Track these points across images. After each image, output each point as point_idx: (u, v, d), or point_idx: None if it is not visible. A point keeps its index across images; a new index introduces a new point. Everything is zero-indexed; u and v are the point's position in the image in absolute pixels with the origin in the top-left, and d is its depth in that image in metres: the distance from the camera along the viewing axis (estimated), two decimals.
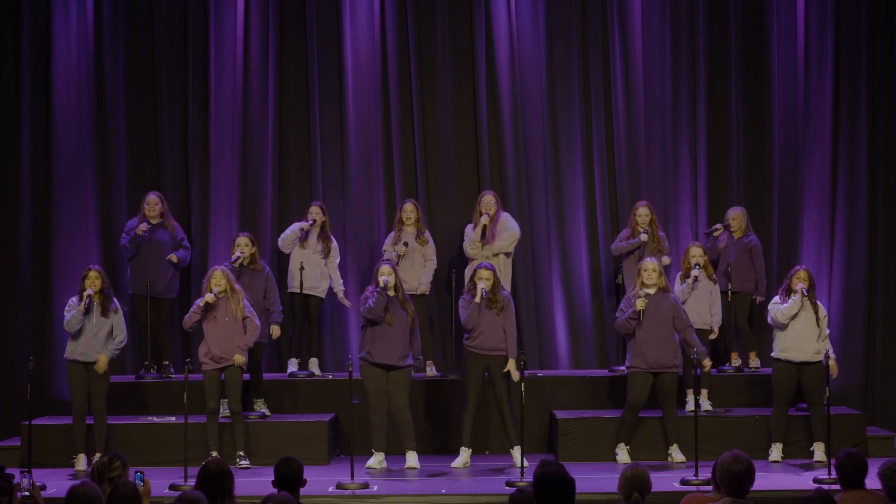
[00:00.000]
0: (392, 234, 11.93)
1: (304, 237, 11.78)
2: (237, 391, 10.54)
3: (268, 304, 11.31)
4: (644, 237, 11.64)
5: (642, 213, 11.74)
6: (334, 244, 11.92)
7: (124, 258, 12.02)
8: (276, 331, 11.35)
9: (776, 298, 10.70)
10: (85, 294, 10.50)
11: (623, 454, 10.66)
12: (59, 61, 12.48)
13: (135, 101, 12.71)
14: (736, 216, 11.96)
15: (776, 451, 10.65)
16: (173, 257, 11.81)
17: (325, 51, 12.76)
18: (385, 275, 10.44)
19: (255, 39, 12.71)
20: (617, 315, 10.78)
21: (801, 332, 10.54)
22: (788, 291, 10.58)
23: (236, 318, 10.50)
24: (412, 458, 10.55)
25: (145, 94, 12.74)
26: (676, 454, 10.67)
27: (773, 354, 10.72)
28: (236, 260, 11.17)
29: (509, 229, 11.79)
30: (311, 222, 11.78)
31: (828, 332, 10.67)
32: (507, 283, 11.67)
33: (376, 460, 10.46)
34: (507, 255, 11.82)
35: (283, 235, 11.86)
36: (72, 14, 12.50)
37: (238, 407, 10.56)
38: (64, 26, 12.49)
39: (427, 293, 11.88)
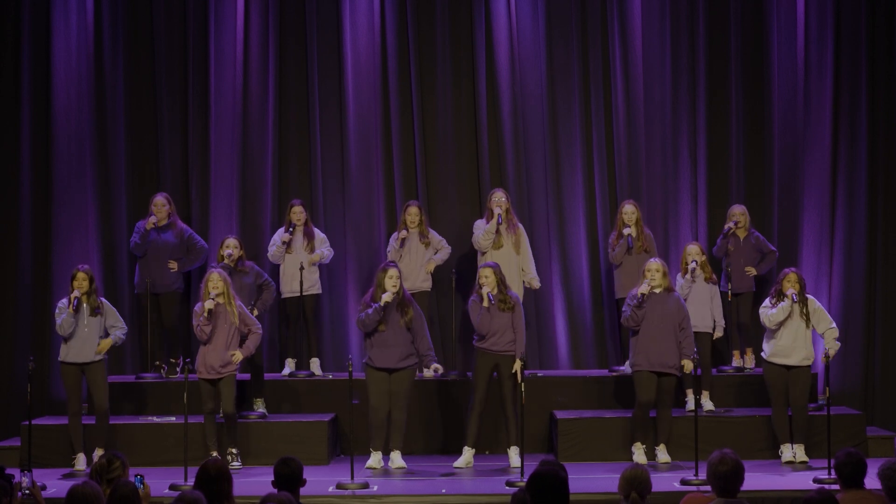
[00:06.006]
0: (395, 234, 11.91)
1: (289, 244, 11.81)
2: (230, 395, 10.52)
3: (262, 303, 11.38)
4: (627, 231, 11.65)
5: (628, 210, 11.78)
6: (318, 236, 11.93)
7: (135, 257, 12.03)
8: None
9: (766, 302, 10.71)
10: (72, 296, 10.53)
11: (639, 454, 10.62)
12: (59, 61, 12.48)
13: (135, 101, 12.71)
14: (743, 213, 11.97)
15: (787, 452, 10.63)
16: (173, 265, 11.83)
17: (325, 51, 12.76)
18: (392, 284, 10.41)
19: (255, 39, 12.71)
20: (623, 310, 10.76)
21: (792, 336, 10.56)
22: (779, 295, 10.59)
23: (234, 326, 10.49)
24: (398, 458, 10.56)
25: (145, 95, 12.74)
26: (662, 455, 10.67)
27: (763, 356, 10.74)
28: (229, 257, 11.17)
29: (527, 243, 11.84)
30: (290, 229, 11.79)
31: (833, 325, 10.67)
32: (521, 290, 11.72)
33: (375, 459, 10.46)
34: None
35: (270, 252, 11.91)
36: (72, 14, 12.50)
37: (231, 409, 10.54)
38: (64, 26, 12.49)
39: (428, 290, 11.89)
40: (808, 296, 10.69)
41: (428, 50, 12.76)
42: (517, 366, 10.49)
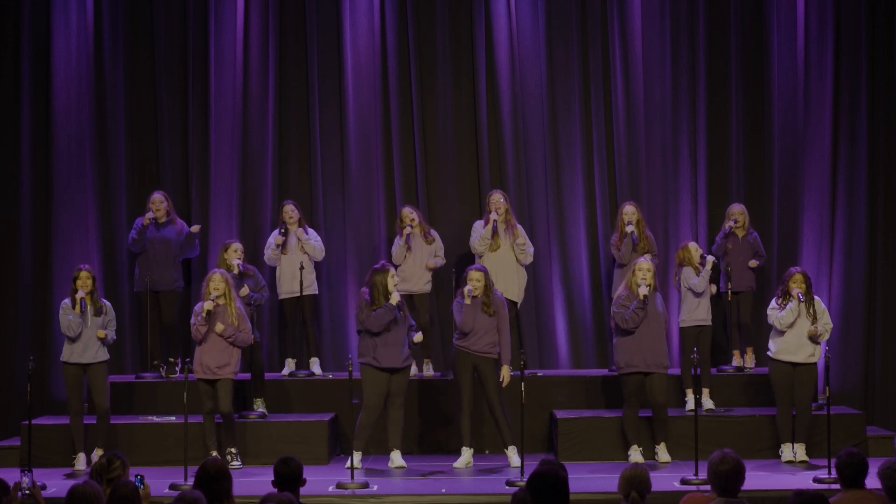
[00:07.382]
0: (397, 239, 11.87)
1: (283, 245, 11.81)
2: (227, 396, 10.52)
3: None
4: (630, 227, 11.65)
5: (629, 210, 11.79)
6: (310, 234, 11.92)
7: (133, 254, 12.06)
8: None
9: (773, 303, 10.70)
10: (78, 297, 10.53)
11: (636, 455, 10.61)
12: (59, 61, 12.48)
13: (135, 101, 12.72)
14: (742, 212, 11.99)
15: (787, 451, 10.63)
16: (195, 228, 11.89)
17: (325, 51, 12.76)
18: (395, 283, 10.48)
19: (255, 39, 12.71)
20: (619, 311, 10.70)
21: (798, 334, 10.56)
22: (785, 295, 10.59)
23: (233, 327, 10.49)
24: (398, 458, 10.57)
25: (145, 95, 12.74)
26: (663, 454, 10.67)
27: (769, 354, 10.74)
28: (237, 265, 11.20)
29: (525, 238, 11.81)
30: (283, 230, 11.79)
31: (831, 324, 10.68)
32: (520, 292, 11.70)
33: (357, 459, 10.43)
34: (522, 264, 11.83)
35: (266, 255, 11.93)
36: (72, 14, 12.50)
37: (227, 409, 10.54)
38: (64, 26, 12.50)
39: (429, 292, 11.90)
40: (815, 296, 10.68)
41: (428, 50, 12.76)
42: (504, 371, 10.48)
